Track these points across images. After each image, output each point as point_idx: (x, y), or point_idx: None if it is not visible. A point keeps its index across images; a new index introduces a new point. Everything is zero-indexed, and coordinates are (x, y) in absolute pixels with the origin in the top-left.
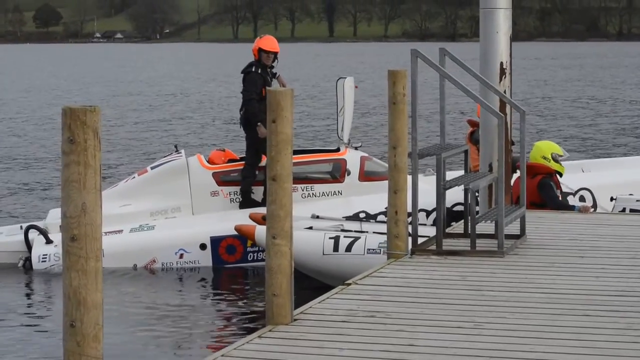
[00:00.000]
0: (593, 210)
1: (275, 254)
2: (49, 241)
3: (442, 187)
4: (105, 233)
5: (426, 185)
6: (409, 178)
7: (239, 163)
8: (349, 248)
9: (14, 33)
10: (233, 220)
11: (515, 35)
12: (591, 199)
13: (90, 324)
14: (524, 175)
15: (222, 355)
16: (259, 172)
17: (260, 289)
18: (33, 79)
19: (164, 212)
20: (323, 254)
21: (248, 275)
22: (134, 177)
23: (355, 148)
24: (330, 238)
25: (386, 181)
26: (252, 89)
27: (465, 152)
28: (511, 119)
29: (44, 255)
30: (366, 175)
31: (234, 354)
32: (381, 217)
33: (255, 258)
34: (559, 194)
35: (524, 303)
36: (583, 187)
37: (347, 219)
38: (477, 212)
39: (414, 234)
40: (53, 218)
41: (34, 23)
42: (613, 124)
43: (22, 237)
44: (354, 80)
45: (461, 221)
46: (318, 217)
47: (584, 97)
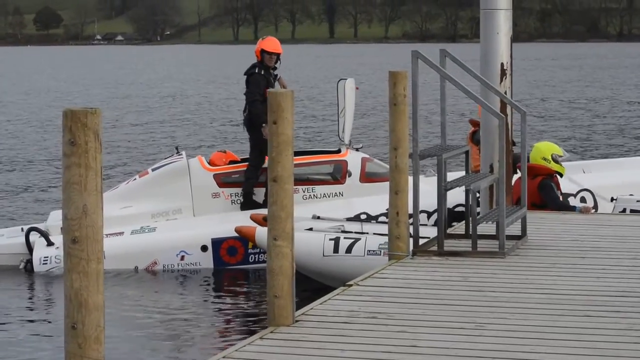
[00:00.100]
0: (594, 211)
1: (276, 256)
2: (50, 243)
3: (443, 188)
4: (106, 235)
5: (427, 186)
6: (410, 179)
7: (240, 164)
8: (349, 249)
9: (15, 35)
10: (234, 221)
11: (515, 36)
12: (592, 199)
13: (91, 326)
14: (524, 176)
15: (224, 356)
16: (261, 174)
17: (262, 290)
18: (33, 81)
19: (165, 214)
20: (323, 256)
21: (249, 277)
22: (135, 179)
23: (356, 149)
24: (330, 239)
25: (387, 182)
26: (256, 90)
27: (466, 153)
28: (512, 119)
29: (45, 257)
30: (367, 177)
31: (235, 356)
32: (382, 219)
33: (257, 260)
34: (560, 195)
35: (525, 303)
36: (584, 188)
37: (348, 220)
38: (478, 213)
39: (415, 235)
40: (54, 220)
41: (34, 25)
42: (613, 124)
43: (23, 240)
44: (355, 82)
45: (462, 222)
46: (319, 218)
47: (583, 98)
